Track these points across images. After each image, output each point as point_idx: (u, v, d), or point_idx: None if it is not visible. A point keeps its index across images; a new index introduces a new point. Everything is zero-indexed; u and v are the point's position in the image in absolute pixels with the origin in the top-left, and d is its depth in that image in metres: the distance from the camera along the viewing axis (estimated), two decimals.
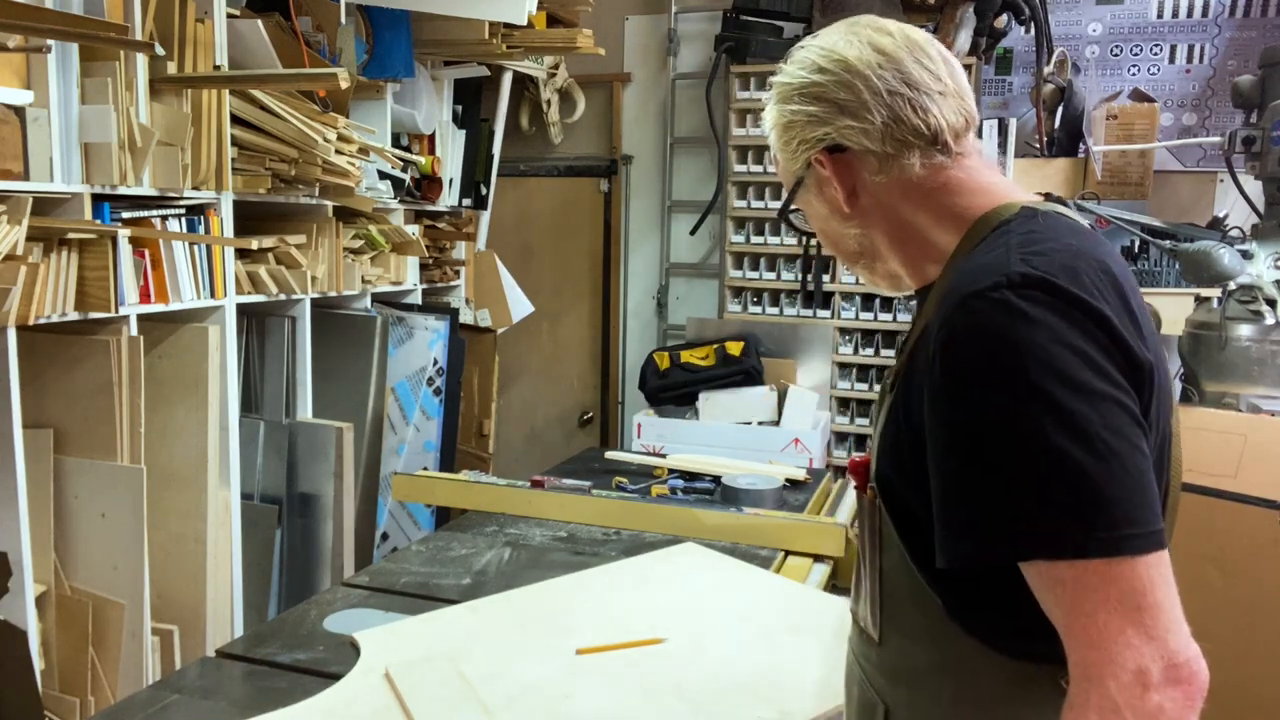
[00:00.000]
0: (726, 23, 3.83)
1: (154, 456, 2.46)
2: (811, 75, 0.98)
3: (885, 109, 0.94)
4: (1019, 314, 0.78)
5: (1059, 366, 0.76)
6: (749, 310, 3.92)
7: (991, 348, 0.78)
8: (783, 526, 2.08)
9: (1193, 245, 2.49)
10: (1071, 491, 0.75)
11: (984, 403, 0.78)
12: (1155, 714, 0.72)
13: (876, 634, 1.00)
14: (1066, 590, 0.76)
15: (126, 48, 2.15)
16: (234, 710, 1.37)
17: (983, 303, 0.80)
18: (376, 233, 3.25)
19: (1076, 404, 0.76)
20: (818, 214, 1.05)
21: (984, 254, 0.87)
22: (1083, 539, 0.74)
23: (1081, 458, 0.75)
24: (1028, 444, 0.76)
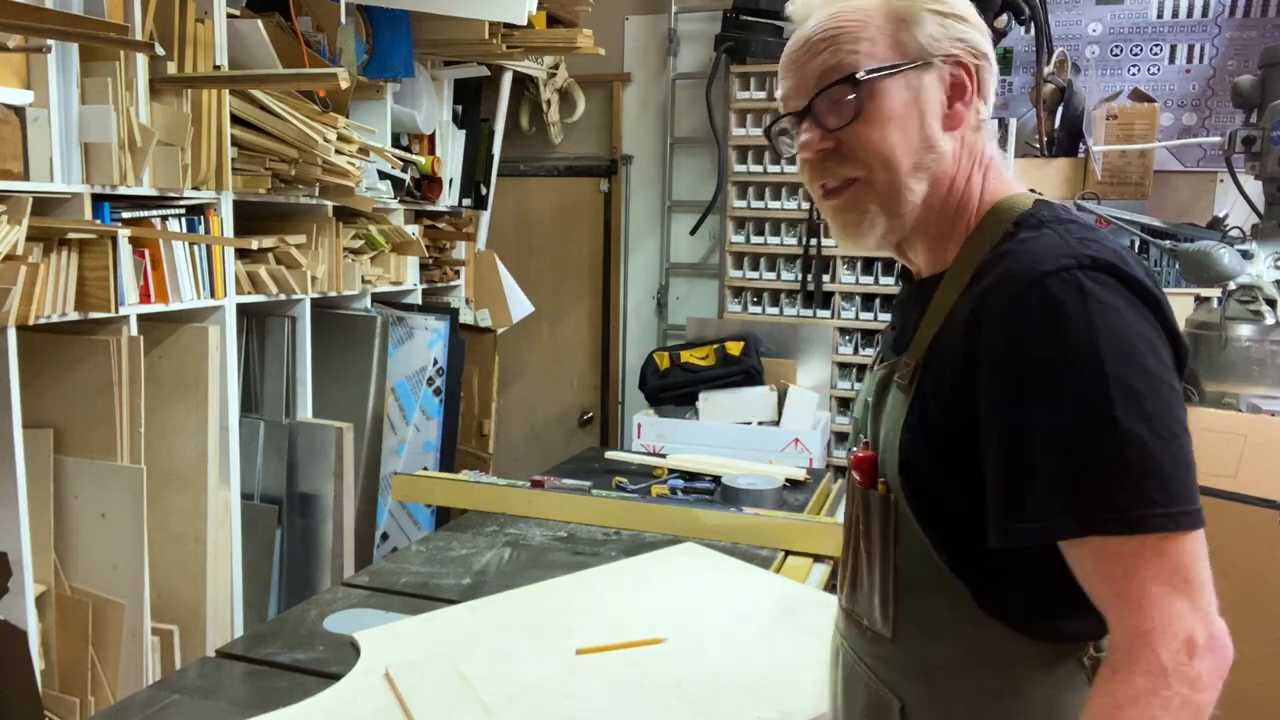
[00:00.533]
0: (726, 23, 3.83)
1: (154, 456, 2.46)
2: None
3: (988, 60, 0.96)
4: (1092, 296, 0.80)
5: (1129, 350, 0.80)
6: (749, 310, 3.92)
7: (1068, 330, 0.80)
8: (783, 526, 2.08)
9: (1193, 245, 2.49)
10: (1139, 470, 0.78)
11: (1061, 385, 0.80)
12: (1196, 680, 0.76)
13: (888, 630, 0.97)
14: (1120, 564, 0.79)
15: (126, 48, 2.15)
16: (234, 710, 1.37)
17: (1056, 284, 0.81)
18: (376, 233, 3.25)
19: (1143, 386, 0.79)
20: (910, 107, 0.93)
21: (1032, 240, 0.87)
22: (1147, 515, 0.78)
23: (1148, 439, 0.78)
24: (1101, 425, 0.79)
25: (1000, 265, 0.87)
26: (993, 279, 0.87)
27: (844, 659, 1.08)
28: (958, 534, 0.90)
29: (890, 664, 0.99)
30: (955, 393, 0.87)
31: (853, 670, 1.05)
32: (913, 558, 0.94)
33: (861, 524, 1.00)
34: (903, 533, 0.94)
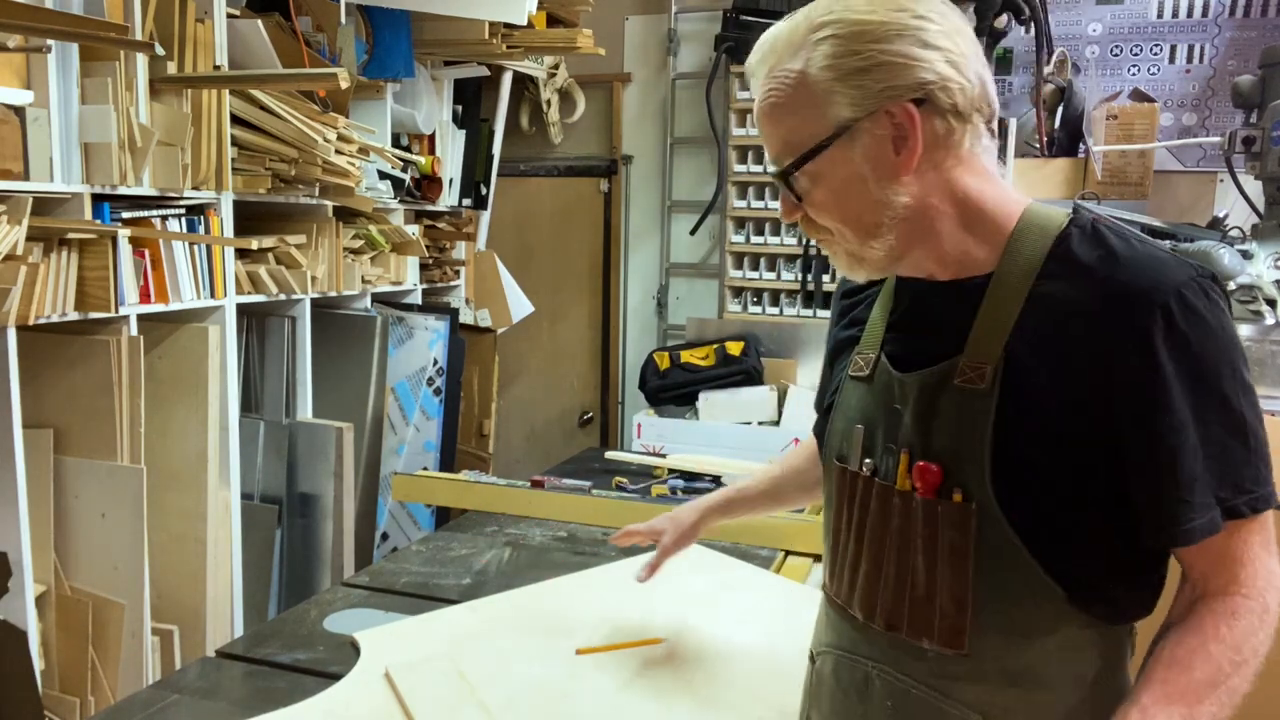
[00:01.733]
0: (726, 23, 3.83)
1: (154, 456, 2.46)
2: (911, 19, 0.89)
3: (975, 72, 0.91)
4: (1218, 306, 0.89)
5: (1239, 351, 0.90)
6: (749, 310, 3.92)
7: (1214, 335, 0.88)
8: (783, 526, 2.08)
9: (1193, 245, 2.49)
10: (1261, 459, 0.90)
11: (1209, 386, 0.88)
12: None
13: (964, 644, 0.94)
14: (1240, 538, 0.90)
15: (126, 48, 2.15)
16: (234, 710, 1.37)
17: (1192, 295, 0.87)
18: (376, 233, 3.25)
19: (1249, 381, 0.91)
20: (846, 175, 0.92)
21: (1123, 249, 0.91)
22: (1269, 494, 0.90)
23: (1259, 427, 0.90)
24: (1240, 422, 0.89)
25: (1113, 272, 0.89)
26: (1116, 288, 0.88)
27: (888, 689, 1.01)
28: (1059, 536, 0.91)
29: (968, 679, 0.95)
30: (1069, 391, 0.89)
31: (906, 697, 0.99)
32: (996, 565, 0.92)
33: (921, 538, 0.95)
34: (988, 541, 0.92)
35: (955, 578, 0.93)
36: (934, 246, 0.95)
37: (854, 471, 1.02)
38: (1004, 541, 0.91)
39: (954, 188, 0.93)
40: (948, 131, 0.91)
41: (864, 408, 1.02)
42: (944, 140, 0.91)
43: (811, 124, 0.91)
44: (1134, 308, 0.87)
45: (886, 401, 0.99)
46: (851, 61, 0.89)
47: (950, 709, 0.96)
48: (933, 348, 0.95)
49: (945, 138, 0.91)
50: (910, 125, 0.89)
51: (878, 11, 0.89)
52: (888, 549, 0.98)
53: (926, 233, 0.94)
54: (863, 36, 0.89)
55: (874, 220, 0.93)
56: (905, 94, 0.89)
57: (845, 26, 0.89)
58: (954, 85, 0.89)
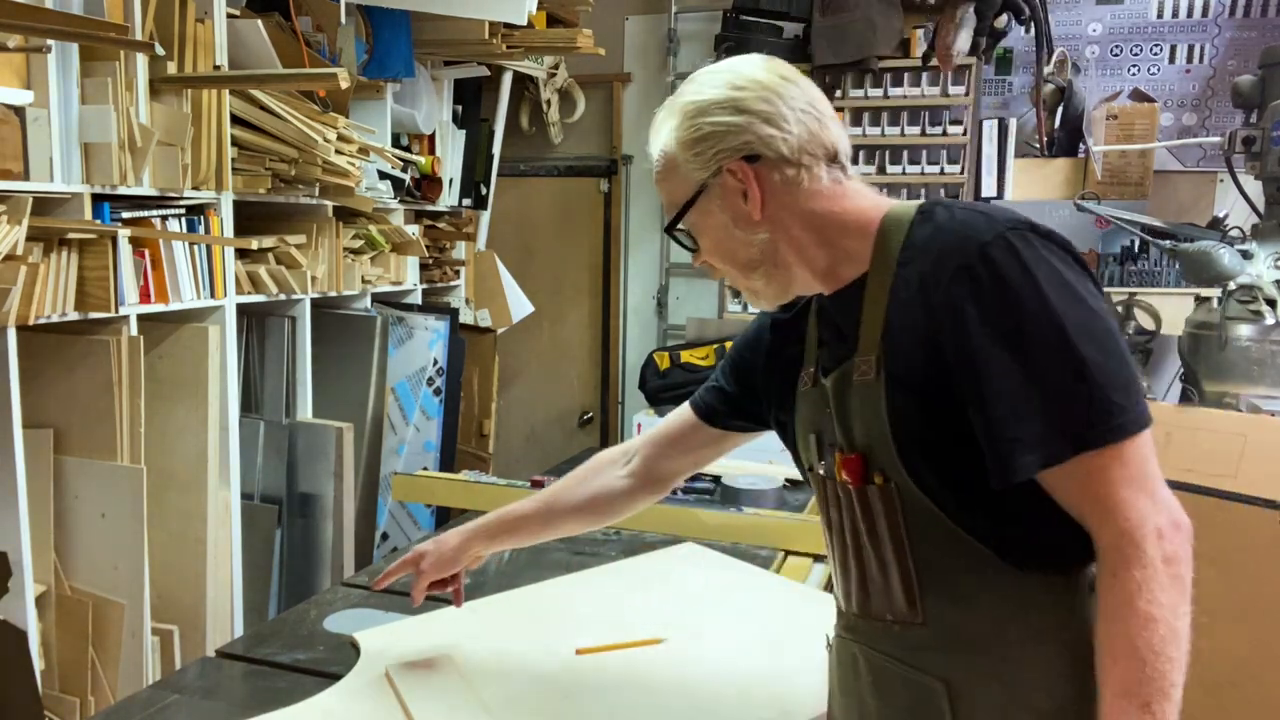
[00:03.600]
0: (726, 23, 3.83)
1: (154, 456, 2.46)
2: (729, 91, 1.06)
3: (799, 123, 1.05)
4: (1024, 252, 0.93)
5: (1066, 290, 0.92)
6: (749, 310, 3.92)
7: (1015, 279, 0.92)
8: (783, 526, 2.08)
9: (1193, 245, 2.49)
10: (1102, 386, 0.90)
11: (1021, 329, 0.92)
12: (1173, 558, 0.89)
13: (918, 615, 1.03)
14: (1094, 478, 0.91)
15: (126, 48, 2.15)
16: (234, 710, 1.37)
17: (993, 247, 0.94)
18: (376, 233, 3.25)
19: (1085, 317, 0.92)
20: (715, 224, 1.10)
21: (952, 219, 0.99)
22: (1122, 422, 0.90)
23: (1099, 358, 0.91)
24: (1065, 356, 0.91)
25: (935, 244, 0.98)
26: (935, 257, 0.97)
27: (868, 665, 1.09)
28: (966, 496, 0.98)
29: (927, 648, 1.03)
30: (927, 364, 0.97)
31: (884, 672, 1.07)
32: (927, 536, 1.00)
33: (862, 523, 1.04)
34: (911, 516, 1.00)
35: (896, 555, 1.03)
36: (808, 268, 1.09)
37: (818, 475, 1.13)
38: (926, 514, 1.00)
39: (807, 217, 1.07)
40: (789, 178, 1.06)
41: (811, 417, 1.13)
42: (785, 182, 1.06)
43: (679, 188, 1.11)
44: (944, 272, 0.96)
45: (821, 407, 1.10)
46: (689, 134, 1.08)
47: (917, 678, 1.03)
48: (838, 352, 1.08)
49: (785, 180, 1.06)
50: (747, 179, 1.06)
51: (704, 91, 1.08)
52: (847, 539, 1.09)
53: (797, 258, 1.09)
54: (694, 113, 1.07)
55: (746, 257, 1.10)
56: (734, 154, 1.06)
57: (682, 108, 1.09)
58: (775, 138, 1.05)
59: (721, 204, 1.08)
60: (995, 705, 0.99)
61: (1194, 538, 0.91)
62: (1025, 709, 0.98)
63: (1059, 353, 0.91)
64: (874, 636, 1.08)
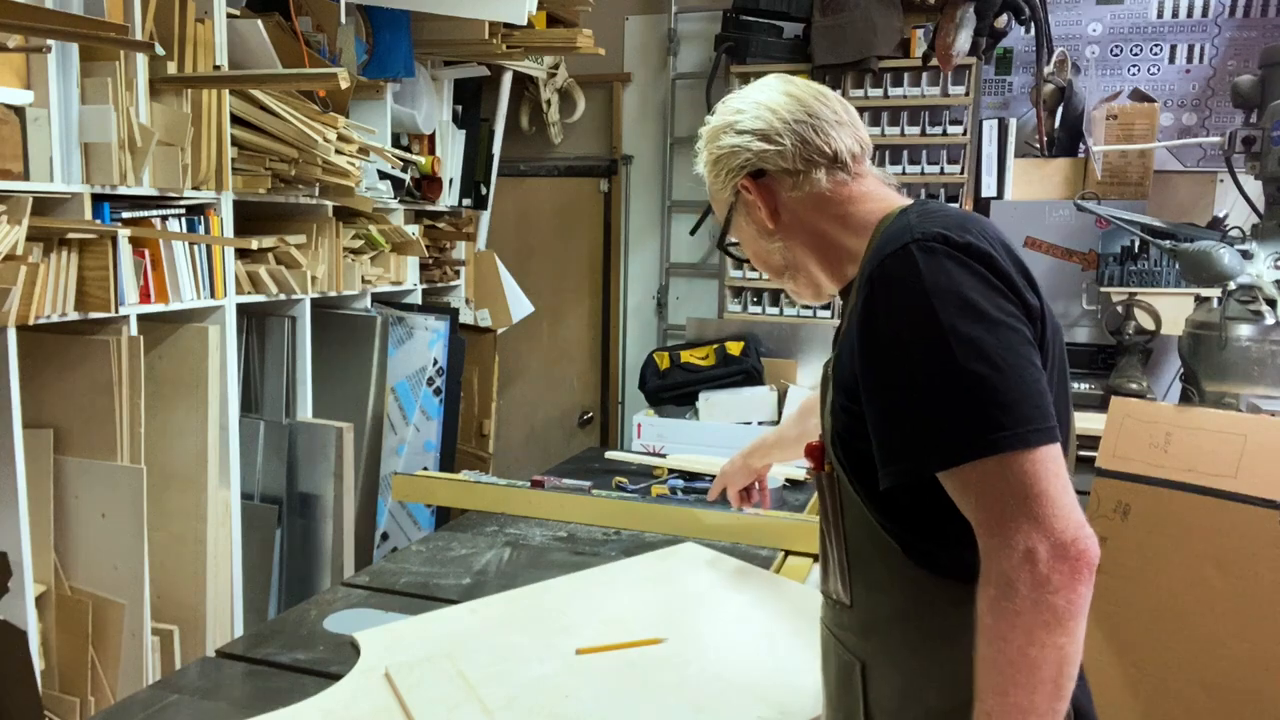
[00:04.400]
0: (726, 23, 3.83)
1: (154, 456, 2.46)
2: (731, 116, 1.19)
3: (793, 134, 1.14)
4: (923, 262, 0.95)
5: (960, 302, 0.92)
6: (749, 310, 3.92)
7: (903, 290, 0.95)
8: (783, 526, 2.08)
9: (1193, 245, 2.49)
10: (982, 402, 0.90)
11: (901, 338, 0.94)
12: (1043, 584, 0.86)
13: (848, 597, 1.11)
14: (972, 490, 0.91)
15: (126, 48, 2.15)
16: (234, 710, 1.37)
17: (893, 259, 0.97)
18: (376, 233, 3.25)
19: (975, 330, 0.91)
20: (748, 237, 1.23)
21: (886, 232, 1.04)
22: (996, 438, 0.89)
23: (988, 373, 0.90)
24: (940, 368, 0.91)
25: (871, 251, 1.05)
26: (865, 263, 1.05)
27: (823, 640, 1.21)
28: (882, 495, 1.02)
29: (850, 628, 1.12)
30: (849, 365, 1.03)
31: (826, 643, 1.19)
32: (856, 526, 1.09)
33: (822, 506, 1.15)
34: (846, 504, 1.09)
35: (835, 538, 1.12)
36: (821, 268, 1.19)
37: None
38: (854, 504, 1.08)
39: (813, 221, 1.16)
40: (791, 185, 1.15)
41: None
42: (793, 193, 1.16)
43: (719, 208, 1.25)
44: (861, 278, 1.02)
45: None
46: (708, 160, 1.23)
47: (843, 654, 1.13)
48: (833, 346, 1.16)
49: (793, 191, 1.15)
50: (755, 193, 1.17)
51: (715, 119, 1.22)
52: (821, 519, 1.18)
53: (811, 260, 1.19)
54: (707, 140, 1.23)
55: (776, 263, 1.23)
56: (740, 172, 1.18)
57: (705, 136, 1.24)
58: (770, 152, 1.15)
59: (746, 218, 1.21)
60: (894, 691, 1.06)
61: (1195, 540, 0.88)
62: (917, 701, 1.04)
63: (937, 367, 0.91)
64: (828, 613, 1.19)
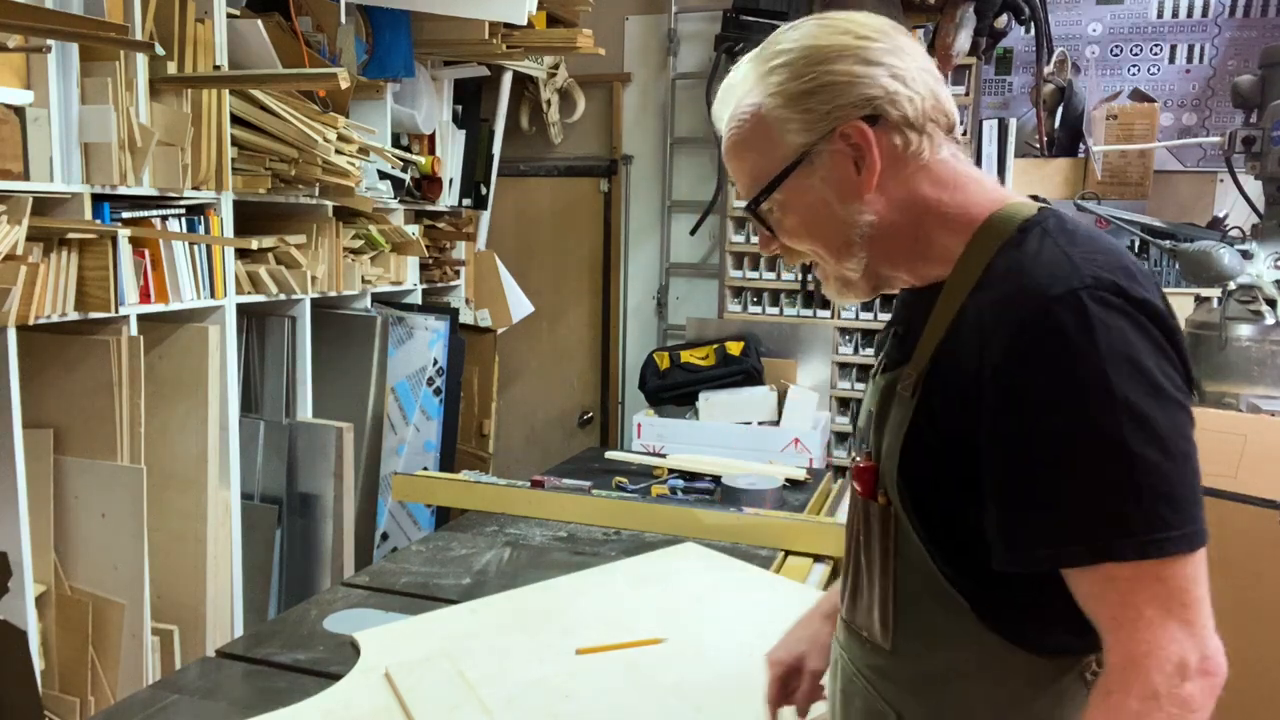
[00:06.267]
0: (726, 23, 3.83)
1: (154, 456, 2.46)
2: (851, 39, 0.90)
3: (924, 84, 0.91)
4: (1097, 319, 0.79)
5: (1136, 373, 0.79)
6: (749, 310, 3.92)
7: (1073, 350, 0.79)
8: (783, 526, 2.08)
9: (1193, 245, 2.49)
10: (1151, 495, 0.78)
11: (1066, 406, 0.80)
12: (1187, 701, 0.77)
13: (887, 642, 0.97)
14: (1119, 589, 0.79)
15: (126, 48, 2.15)
16: (234, 710, 1.37)
17: (1061, 307, 0.80)
18: (376, 233, 3.25)
19: (1153, 409, 0.78)
20: (812, 200, 0.94)
21: (1036, 256, 0.86)
22: (1162, 539, 0.78)
23: (1160, 461, 0.78)
24: (1112, 450, 0.78)
25: (1008, 279, 0.86)
26: (1000, 295, 0.85)
27: (843, 669, 1.06)
28: (958, 547, 0.90)
29: (888, 676, 0.98)
30: (961, 406, 0.86)
31: (851, 682, 1.04)
32: (912, 570, 0.93)
33: (861, 535, 0.99)
34: (902, 545, 0.94)
35: (883, 576, 0.96)
36: (905, 258, 0.95)
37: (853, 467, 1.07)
38: (916, 549, 0.92)
39: (917, 199, 0.93)
40: (905, 144, 0.91)
41: (864, 409, 1.06)
42: (902, 153, 0.92)
43: (771, 156, 0.94)
44: (1004, 319, 0.83)
45: (870, 403, 1.02)
46: (797, 85, 0.91)
47: (874, 702, 0.99)
48: (898, 353, 0.97)
49: (903, 151, 0.92)
50: (865, 143, 0.90)
51: (820, 38, 0.92)
52: (853, 541, 1.03)
53: (897, 245, 0.94)
54: (807, 61, 0.91)
55: (844, 240, 0.95)
56: (853, 112, 0.90)
57: (791, 55, 0.92)
58: (901, 97, 0.90)
59: (827, 174, 0.92)
60: None
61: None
62: None
63: (1108, 445, 0.78)
64: (851, 646, 1.04)
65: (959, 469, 0.87)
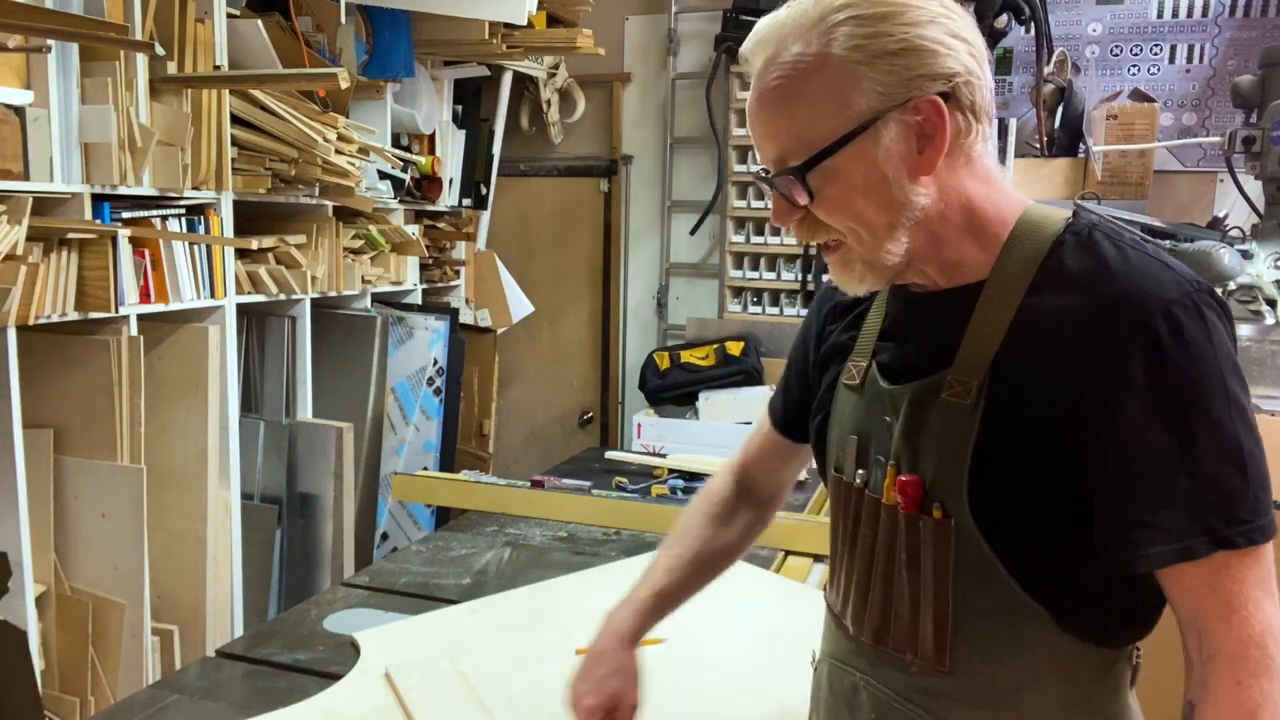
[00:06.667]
0: (726, 23, 3.83)
1: (154, 456, 2.46)
2: (936, 6, 0.84)
3: (984, 72, 0.87)
4: (1210, 322, 0.83)
5: (1236, 370, 0.84)
6: (749, 310, 3.92)
7: (1198, 357, 0.82)
8: (783, 526, 2.08)
9: (1193, 245, 2.49)
10: (1257, 484, 0.82)
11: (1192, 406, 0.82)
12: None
13: (945, 664, 0.92)
14: (1232, 575, 0.82)
15: (126, 48, 2.15)
16: (234, 710, 1.37)
17: (1182, 312, 0.82)
18: (376, 233, 3.25)
19: (1247, 405, 0.84)
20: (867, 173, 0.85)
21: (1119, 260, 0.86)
22: (1264, 525, 0.82)
23: (1258, 454, 0.83)
24: (1229, 444, 0.82)
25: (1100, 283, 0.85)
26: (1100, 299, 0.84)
27: (871, 701, 1.00)
28: (1038, 556, 0.88)
29: (949, 697, 0.93)
30: (1052, 410, 0.84)
31: (889, 710, 0.98)
32: (976, 584, 0.90)
33: (903, 552, 0.93)
34: (963, 559, 0.89)
35: (937, 594, 0.91)
36: (939, 252, 0.90)
37: (848, 483, 1.00)
38: (983, 560, 0.89)
39: (961, 191, 0.89)
40: (966, 130, 0.87)
41: (856, 418, 0.99)
42: (961, 140, 0.87)
43: (831, 114, 0.84)
44: (1118, 323, 0.82)
45: (878, 412, 0.96)
46: (883, 43, 0.83)
47: None
48: (924, 359, 0.92)
49: (963, 137, 0.87)
50: (939, 120, 0.84)
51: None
52: (876, 562, 0.97)
53: (934, 237, 0.89)
54: (893, 18, 0.83)
55: (890, 222, 0.87)
56: (932, 85, 0.84)
57: (871, 7, 0.84)
58: (976, 81, 0.86)
59: (890, 147, 0.84)
60: None
61: None
62: None
63: (1225, 440, 0.81)
64: (885, 671, 0.97)
65: (1048, 477, 0.85)
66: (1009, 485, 0.87)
